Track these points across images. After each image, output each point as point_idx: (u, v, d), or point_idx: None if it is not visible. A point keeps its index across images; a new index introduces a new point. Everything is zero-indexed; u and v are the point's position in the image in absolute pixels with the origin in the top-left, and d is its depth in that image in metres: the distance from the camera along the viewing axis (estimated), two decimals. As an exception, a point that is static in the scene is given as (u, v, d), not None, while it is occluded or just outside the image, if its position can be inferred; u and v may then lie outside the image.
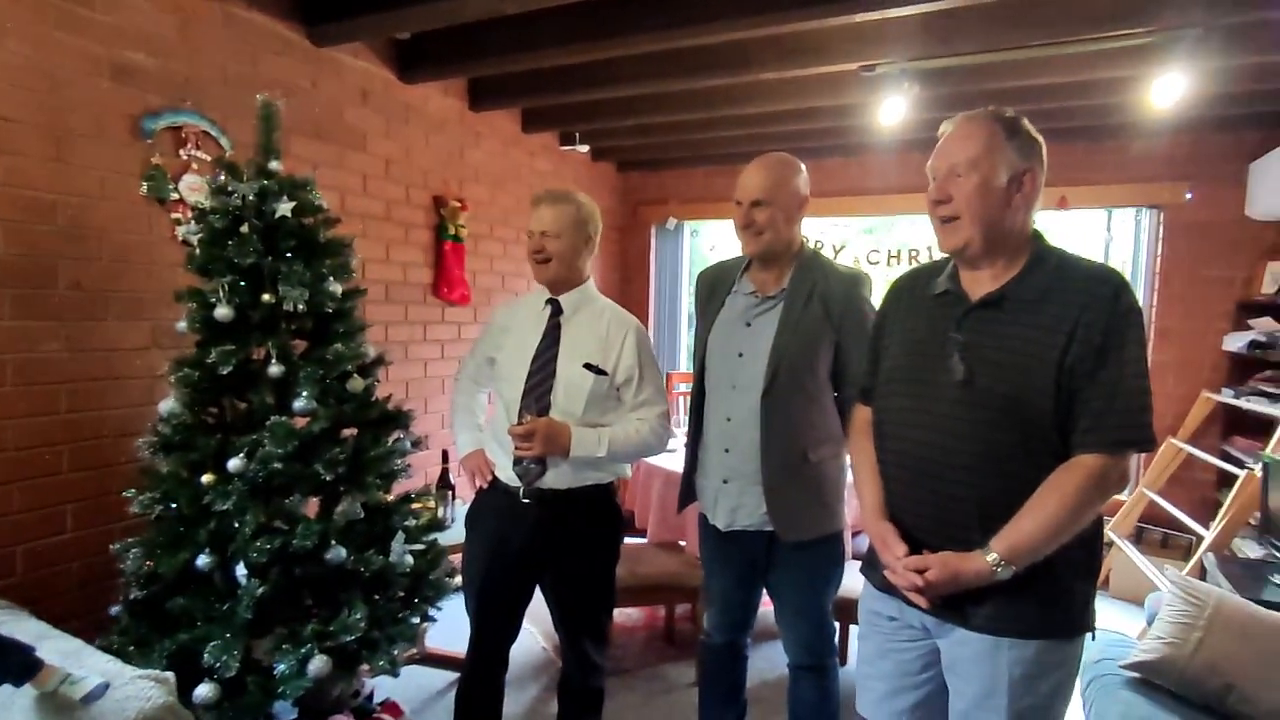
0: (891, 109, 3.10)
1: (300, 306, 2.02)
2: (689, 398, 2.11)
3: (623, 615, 3.38)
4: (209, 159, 2.55)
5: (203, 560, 1.91)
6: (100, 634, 1.92)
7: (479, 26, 3.03)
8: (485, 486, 2.03)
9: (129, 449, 2.07)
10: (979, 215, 1.31)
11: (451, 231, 3.62)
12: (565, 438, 1.87)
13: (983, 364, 1.31)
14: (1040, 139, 1.35)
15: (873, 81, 3.07)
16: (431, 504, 2.64)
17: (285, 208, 2.03)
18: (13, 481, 2.13)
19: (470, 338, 3.77)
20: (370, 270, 3.24)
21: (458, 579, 2.17)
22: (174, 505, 1.93)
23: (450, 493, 2.90)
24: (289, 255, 2.05)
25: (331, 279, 2.12)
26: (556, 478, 1.93)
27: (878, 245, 4.79)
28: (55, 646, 1.68)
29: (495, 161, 3.99)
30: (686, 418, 2.12)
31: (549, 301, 2.03)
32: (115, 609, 1.97)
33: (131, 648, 1.87)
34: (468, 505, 2.12)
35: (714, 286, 2.06)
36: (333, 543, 1.99)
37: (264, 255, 2.01)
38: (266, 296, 2.00)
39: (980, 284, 1.37)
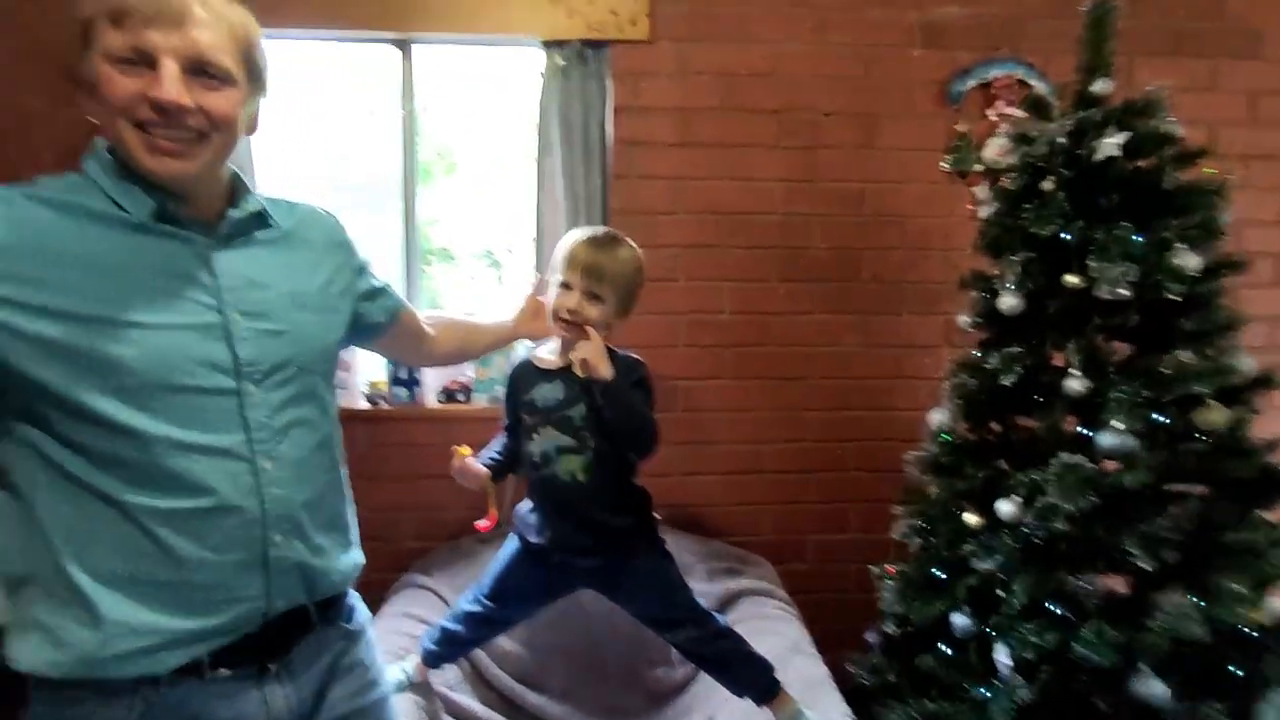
0: None
1: (1121, 291, 1.33)
2: None
3: None
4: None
5: (959, 621, 1.48)
6: (852, 657, 1.72)
7: None
8: None
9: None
10: None
11: None
12: None
13: None
14: None
15: None
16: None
17: (1111, 143, 1.36)
18: (812, 471, 2.18)
19: None
20: (1249, 238, 2.13)
21: None
22: (932, 541, 1.57)
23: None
24: (1110, 216, 1.39)
25: (1182, 248, 1.34)
26: None
27: None
28: (798, 670, 1.55)
29: None
30: None
31: None
32: (872, 635, 1.75)
33: (876, 693, 1.61)
34: None
35: None
36: (1140, 666, 1.25)
37: (1071, 219, 1.40)
38: (1071, 278, 1.40)
39: None
